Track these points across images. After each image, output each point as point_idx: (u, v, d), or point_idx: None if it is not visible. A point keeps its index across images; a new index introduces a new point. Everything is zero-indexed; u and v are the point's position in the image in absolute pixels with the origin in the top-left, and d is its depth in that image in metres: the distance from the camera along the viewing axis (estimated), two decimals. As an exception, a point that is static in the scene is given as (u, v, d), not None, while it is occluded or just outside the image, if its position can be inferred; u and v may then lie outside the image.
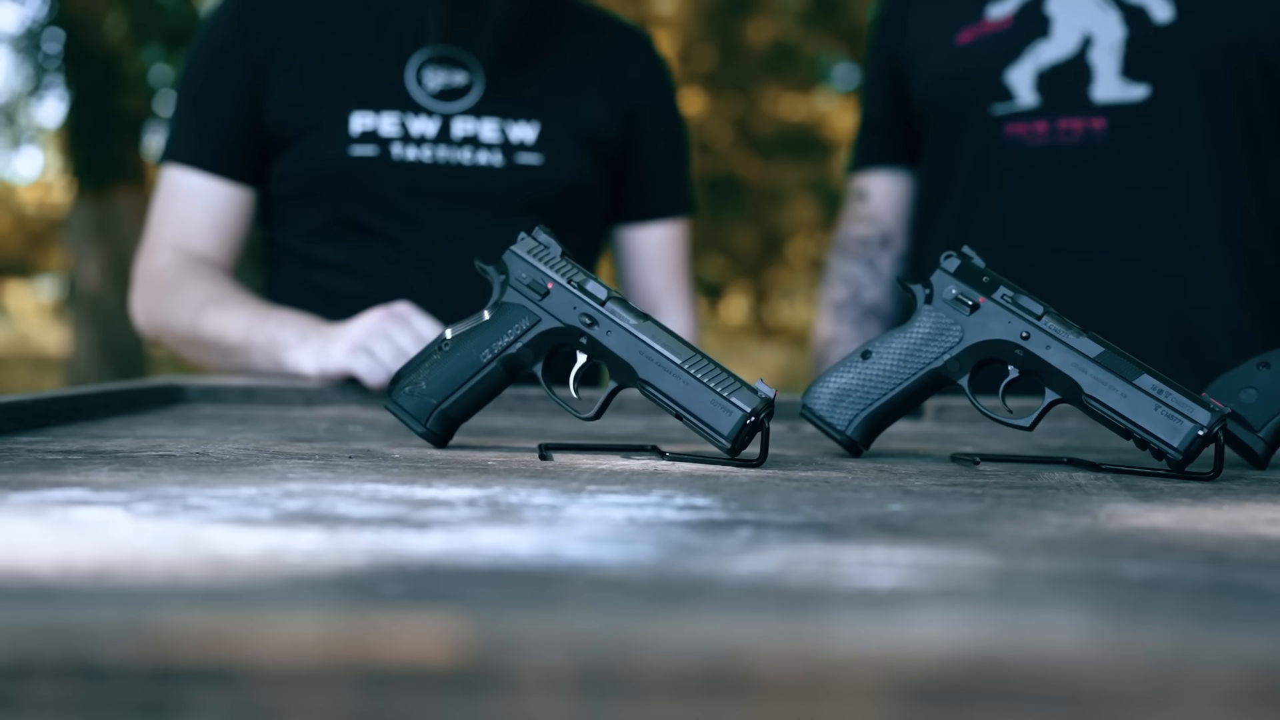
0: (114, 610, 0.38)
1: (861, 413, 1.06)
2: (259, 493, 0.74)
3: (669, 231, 1.96)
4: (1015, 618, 0.43)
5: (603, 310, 1.02)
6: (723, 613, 0.42)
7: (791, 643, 0.34)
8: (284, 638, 0.32)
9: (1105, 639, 0.38)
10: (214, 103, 1.75)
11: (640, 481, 0.85)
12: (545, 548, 0.59)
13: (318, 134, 1.71)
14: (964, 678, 0.31)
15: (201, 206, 1.74)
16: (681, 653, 0.32)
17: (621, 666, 0.32)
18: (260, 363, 1.60)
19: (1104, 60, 1.79)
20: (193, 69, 1.80)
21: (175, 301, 1.71)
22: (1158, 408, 0.97)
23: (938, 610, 0.44)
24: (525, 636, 0.33)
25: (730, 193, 12.98)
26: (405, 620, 0.33)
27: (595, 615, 0.39)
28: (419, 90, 1.73)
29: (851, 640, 0.35)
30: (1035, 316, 1.04)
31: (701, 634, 0.34)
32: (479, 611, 0.39)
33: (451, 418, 1.04)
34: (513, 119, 1.75)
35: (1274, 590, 0.55)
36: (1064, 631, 0.39)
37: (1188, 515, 0.77)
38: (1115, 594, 0.52)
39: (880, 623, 0.40)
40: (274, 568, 0.53)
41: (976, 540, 0.66)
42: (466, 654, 0.32)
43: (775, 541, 0.63)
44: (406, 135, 1.71)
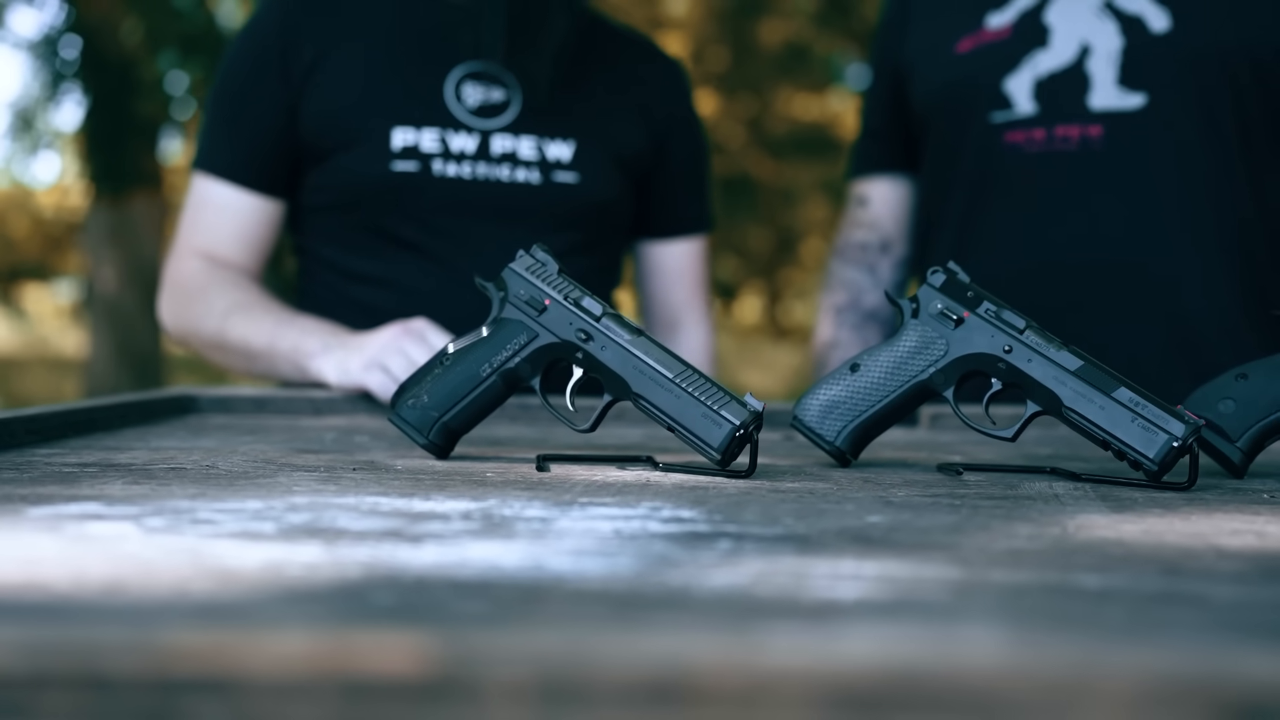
0: (121, 626, 0.42)
1: (850, 424, 1.10)
2: (265, 506, 0.78)
3: (691, 248, 2.01)
4: (941, 631, 0.46)
5: (598, 326, 1.05)
6: (677, 626, 0.45)
7: (732, 655, 0.37)
8: (275, 651, 0.36)
9: (1018, 651, 0.41)
10: (249, 114, 1.77)
11: (631, 493, 0.89)
12: (532, 560, 0.63)
13: (359, 148, 1.73)
14: (886, 688, 0.35)
15: (230, 217, 1.77)
16: (632, 665, 0.36)
17: (577, 679, 0.35)
18: (284, 369, 1.63)
19: (1101, 69, 1.81)
20: (229, 77, 1.80)
21: (202, 307, 1.73)
22: (1134, 420, 1.01)
23: (876, 623, 0.48)
24: (490, 651, 0.36)
25: (743, 193, 13.00)
26: (383, 636, 0.36)
27: (556, 630, 0.42)
28: (458, 106, 1.75)
29: (787, 653, 0.38)
30: (1018, 331, 1.07)
31: (652, 647, 0.38)
32: (449, 628, 0.43)
33: (453, 430, 1.08)
34: (549, 137, 1.78)
35: (1218, 600, 0.58)
36: (981, 645, 0.42)
37: (1155, 526, 0.81)
38: (1062, 605, 0.56)
39: (817, 636, 0.43)
40: (275, 580, 0.56)
41: (944, 552, 0.69)
42: (436, 667, 0.35)
43: (751, 554, 0.67)
44: (447, 151, 1.73)
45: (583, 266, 1.79)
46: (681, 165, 1.98)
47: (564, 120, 1.79)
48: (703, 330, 2.02)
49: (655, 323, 2.02)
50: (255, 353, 1.66)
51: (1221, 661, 0.37)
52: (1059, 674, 0.35)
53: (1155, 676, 0.35)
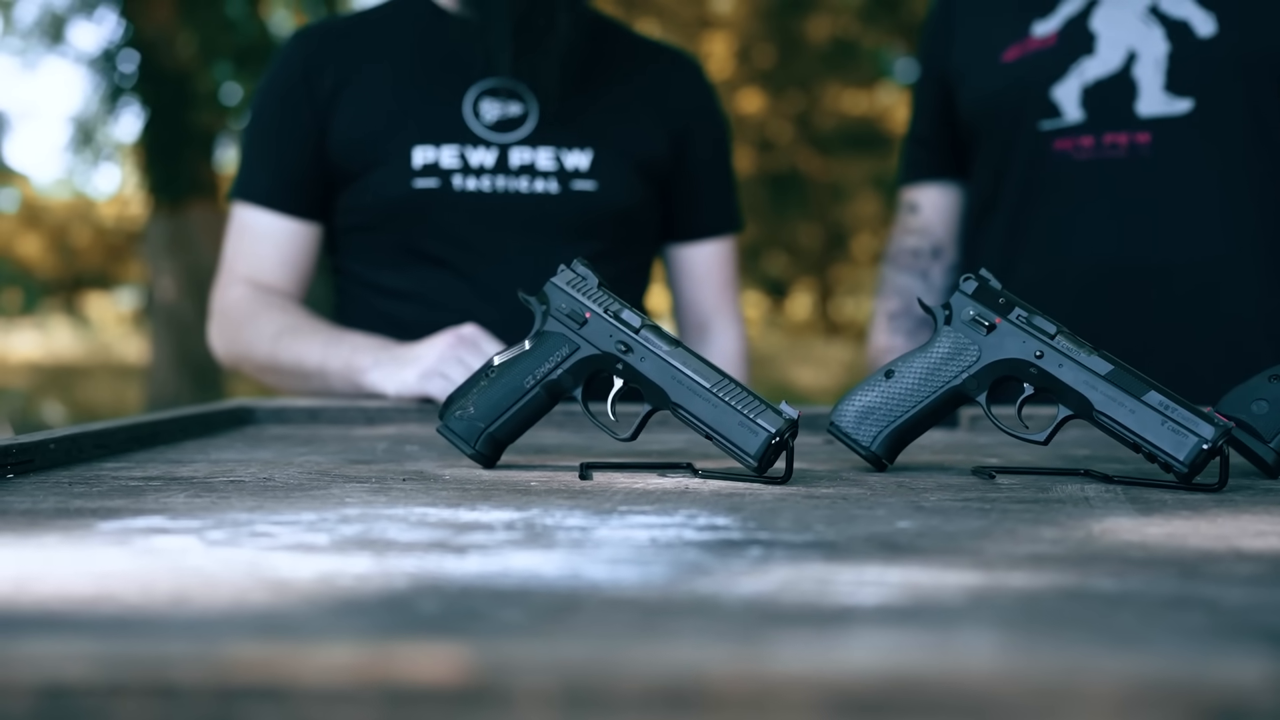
0: (186, 638, 0.46)
1: (885, 429, 1.12)
2: (319, 518, 0.82)
3: (719, 248, 2.03)
4: (942, 637, 0.49)
5: (637, 338, 1.09)
6: (695, 634, 0.48)
7: (743, 662, 0.40)
8: (323, 661, 0.39)
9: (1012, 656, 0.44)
10: (280, 143, 1.84)
11: (670, 501, 0.92)
12: (570, 569, 0.66)
13: (382, 168, 1.79)
14: (886, 693, 0.38)
15: (272, 243, 1.84)
16: (650, 673, 0.39)
17: (599, 686, 0.38)
18: (338, 386, 1.69)
19: (1148, 75, 1.81)
20: (260, 110, 1.88)
21: (251, 333, 1.80)
22: (1164, 423, 1.02)
23: (886, 629, 0.51)
24: (520, 660, 0.39)
25: (793, 190, 12.98)
26: (422, 646, 0.40)
27: (583, 639, 0.46)
28: (476, 122, 1.80)
29: (795, 660, 0.41)
30: (1049, 336, 1.09)
31: (669, 655, 0.41)
32: (484, 638, 0.46)
33: (498, 440, 1.11)
34: (567, 147, 1.82)
35: (1229, 603, 0.60)
36: (978, 650, 0.45)
37: (1180, 529, 0.83)
38: (1074, 610, 0.58)
39: (826, 643, 0.46)
40: (327, 592, 0.60)
41: (969, 557, 0.72)
42: (471, 676, 0.39)
43: (781, 561, 0.70)
44: (466, 166, 1.78)
45: (608, 274, 1.81)
46: (703, 166, 1.99)
47: (581, 129, 1.83)
48: (734, 331, 2.04)
49: (686, 326, 2.04)
50: (309, 373, 1.72)
51: (1204, 665, 0.40)
52: (1048, 678, 0.38)
53: (1138, 681, 0.37)
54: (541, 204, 1.80)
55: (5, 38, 12.60)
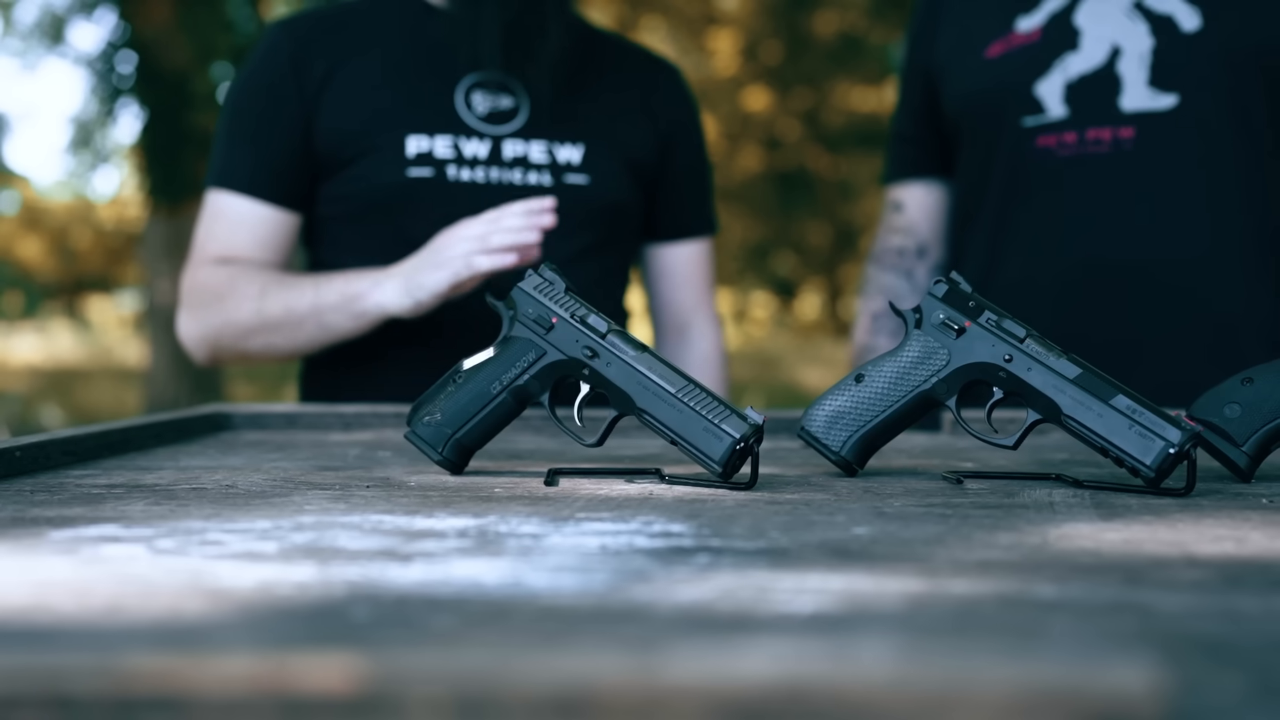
0: (91, 649, 0.46)
1: (855, 434, 1.12)
2: (273, 526, 0.82)
3: (699, 249, 2.04)
4: (847, 645, 0.49)
5: (603, 343, 1.09)
6: (607, 642, 0.48)
7: (636, 671, 0.40)
8: (221, 672, 0.39)
9: (906, 665, 0.43)
10: (265, 131, 1.81)
11: (630, 508, 0.92)
12: (512, 578, 0.66)
13: (374, 156, 1.78)
14: (773, 702, 0.37)
15: (249, 227, 1.80)
16: (542, 682, 0.39)
17: (490, 696, 0.38)
18: (338, 321, 1.66)
19: (1132, 70, 1.81)
20: (243, 96, 1.86)
21: (233, 297, 1.75)
22: (1131, 427, 1.02)
23: (802, 637, 0.50)
24: (414, 670, 0.39)
25: (801, 188, 12.97)
26: (319, 656, 0.40)
27: (481, 649, 0.46)
28: (469, 114, 1.80)
29: (688, 668, 0.41)
30: (1018, 340, 1.08)
31: (565, 664, 0.41)
32: (377, 648, 0.46)
33: (466, 446, 1.11)
34: (559, 141, 1.83)
35: (1163, 610, 0.60)
36: (878, 659, 0.44)
37: (1138, 534, 0.82)
38: (1006, 617, 0.58)
39: (723, 651, 0.46)
40: (263, 601, 0.60)
41: (917, 564, 0.71)
42: (365, 686, 0.39)
43: (726, 569, 0.69)
44: (460, 157, 1.79)
45: (596, 269, 1.84)
46: (686, 168, 2.01)
47: (573, 124, 1.84)
48: (712, 332, 2.05)
49: (665, 326, 2.05)
50: (301, 317, 1.68)
51: (1091, 674, 0.40)
52: (934, 687, 0.38)
53: (1020, 689, 0.37)
54: (534, 196, 1.79)
55: (5, 38, 12.63)
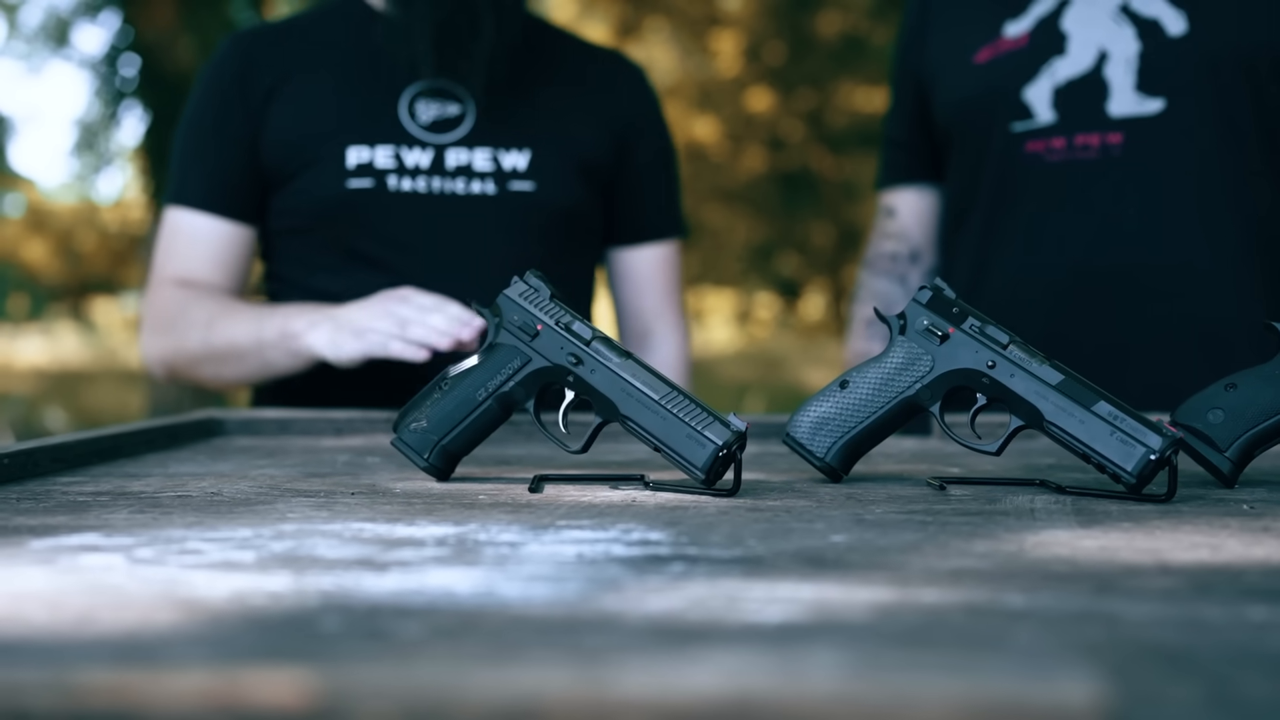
0: (49, 666, 0.46)
1: (839, 440, 1.12)
2: (253, 534, 0.82)
3: (661, 252, 2.00)
4: (798, 657, 0.49)
5: (588, 350, 1.09)
6: (547, 656, 0.49)
7: (584, 685, 0.40)
8: (175, 686, 0.40)
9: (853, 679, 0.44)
10: (215, 146, 1.82)
11: (611, 515, 0.92)
12: (485, 587, 0.67)
13: (315, 169, 1.78)
14: (720, 715, 0.38)
15: (205, 245, 1.82)
16: (490, 696, 0.39)
17: (438, 711, 0.39)
18: (276, 358, 1.67)
19: (1119, 75, 1.82)
20: (194, 114, 1.86)
21: (184, 324, 1.77)
22: (1113, 433, 1.02)
23: (757, 648, 0.51)
24: (364, 684, 0.40)
25: (804, 189, 12.97)
26: (270, 670, 0.40)
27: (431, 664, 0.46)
28: (412, 123, 1.79)
29: (635, 681, 0.42)
30: (1001, 346, 1.09)
31: (513, 677, 0.41)
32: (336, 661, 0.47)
33: (452, 453, 1.12)
34: (504, 148, 1.80)
35: (1130, 619, 0.60)
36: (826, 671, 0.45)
37: (1115, 541, 0.83)
38: (972, 626, 0.58)
39: (672, 664, 0.46)
40: (235, 611, 0.60)
41: (890, 573, 0.72)
42: (315, 700, 0.39)
43: (699, 577, 0.70)
44: (402, 167, 1.77)
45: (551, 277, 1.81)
46: (647, 169, 1.98)
47: (520, 129, 1.82)
48: (676, 337, 2.01)
49: (628, 332, 2.02)
50: (244, 350, 1.69)
51: (1035, 686, 0.40)
52: (879, 700, 0.38)
53: (965, 702, 0.38)
54: (479, 205, 1.79)
55: (10, 41, 12.67)
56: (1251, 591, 0.67)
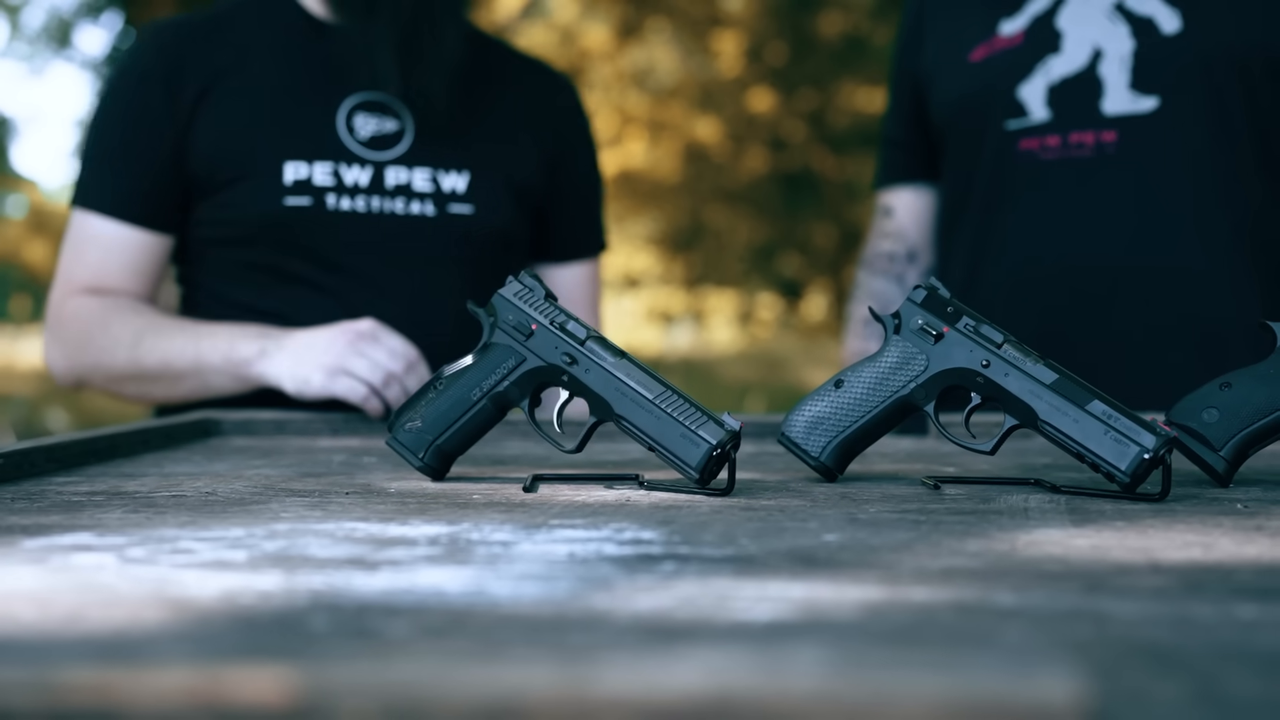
0: (34, 664, 0.46)
1: (834, 439, 1.12)
2: (246, 534, 0.83)
3: (585, 270, 1.98)
4: (782, 655, 0.49)
5: (582, 349, 1.09)
6: (530, 654, 0.49)
7: (566, 683, 0.40)
8: (157, 684, 0.40)
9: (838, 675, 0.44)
10: (134, 149, 1.72)
11: (605, 514, 0.92)
12: (475, 586, 0.67)
13: (250, 182, 1.70)
14: (700, 713, 0.38)
15: (119, 253, 1.72)
16: (471, 695, 0.39)
17: (419, 709, 0.39)
18: (218, 382, 1.61)
19: (1113, 73, 1.82)
20: (110, 112, 1.76)
21: (105, 339, 1.67)
22: (1107, 432, 1.02)
23: (743, 646, 0.51)
24: (346, 683, 0.40)
25: (806, 189, 12.97)
26: (253, 668, 0.40)
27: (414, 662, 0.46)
28: (350, 138, 1.73)
29: (618, 679, 0.42)
30: (995, 345, 1.09)
31: (496, 675, 0.41)
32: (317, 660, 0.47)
33: (447, 452, 1.12)
34: (444, 168, 1.76)
35: (1119, 618, 0.60)
36: (810, 669, 0.45)
37: (1107, 540, 0.82)
38: (961, 625, 0.58)
39: (654, 662, 0.46)
40: (224, 610, 0.60)
41: (881, 571, 0.72)
42: (297, 698, 0.39)
43: (690, 576, 0.70)
44: (340, 185, 1.71)
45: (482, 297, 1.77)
46: (575, 188, 1.95)
47: (458, 150, 1.78)
48: None
49: None
50: (180, 372, 1.62)
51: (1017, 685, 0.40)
52: (859, 699, 0.38)
53: (945, 700, 0.38)
54: (418, 226, 1.74)
55: (12, 42, 12.69)
56: (1242, 590, 0.67)
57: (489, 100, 1.84)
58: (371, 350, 1.50)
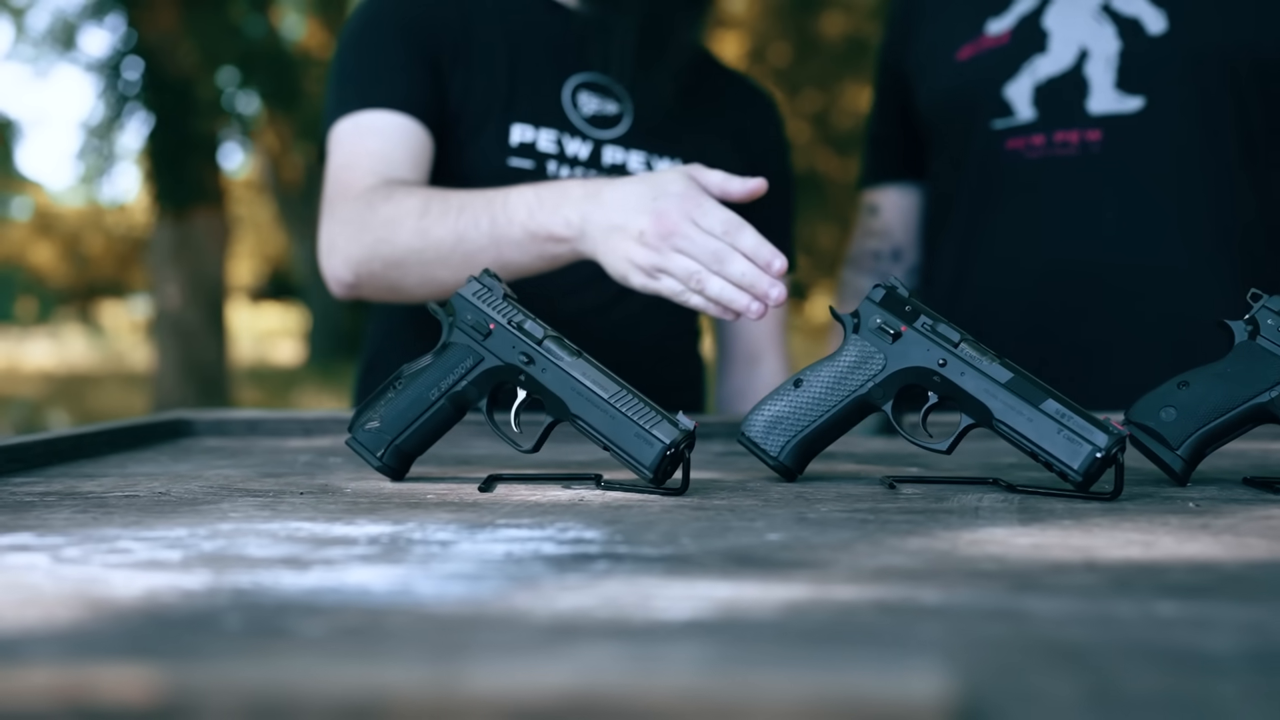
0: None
1: (793, 439, 1.12)
2: (188, 534, 0.83)
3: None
4: (658, 654, 0.49)
5: (539, 349, 1.09)
6: (403, 652, 0.49)
7: (431, 682, 0.40)
8: (23, 683, 0.40)
9: (709, 673, 0.44)
10: (410, 59, 1.70)
11: (554, 514, 0.92)
12: (401, 585, 0.67)
13: (478, 138, 1.72)
14: (566, 712, 0.38)
15: (402, 144, 1.65)
16: (335, 692, 0.39)
17: (285, 707, 0.39)
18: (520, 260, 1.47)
19: (1099, 73, 1.82)
20: (374, 29, 1.74)
21: (389, 210, 1.54)
22: (1060, 431, 1.02)
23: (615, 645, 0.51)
24: (212, 681, 0.40)
25: (811, 190, 12.97)
26: (118, 667, 0.40)
27: (284, 662, 0.46)
28: (574, 113, 1.77)
29: (482, 679, 0.42)
30: (952, 344, 1.09)
31: (362, 674, 0.41)
32: (176, 661, 0.47)
33: (406, 452, 1.12)
34: (658, 154, 1.81)
35: (1039, 615, 0.60)
36: (682, 667, 0.45)
37: (1049, 539, 0.82)
38: (877, 623, 0.58)
39: (524, 661, 0.46)
40: (139, 609, 0.60)
41: (814, 571, 0.72)
42: (162, 697, 0.39)
43: (620, 575, 0.70)
44: (562, 154, 1.75)
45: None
46: (771, 203, 1.95)
47: (671, 140, 1.82)
48: (781, 366, 2.03)
49: (735, 355, 2.01)
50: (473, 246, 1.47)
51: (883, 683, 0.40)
52: (723, 696, 0.38)
53: (807, 698, 0.38)
54: None
55: (18, 44, 12.72)
56: (1170, 588, 0.67)
57: (700, 102, 1.89)
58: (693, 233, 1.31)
